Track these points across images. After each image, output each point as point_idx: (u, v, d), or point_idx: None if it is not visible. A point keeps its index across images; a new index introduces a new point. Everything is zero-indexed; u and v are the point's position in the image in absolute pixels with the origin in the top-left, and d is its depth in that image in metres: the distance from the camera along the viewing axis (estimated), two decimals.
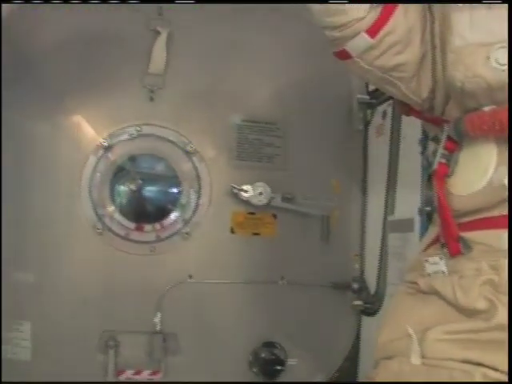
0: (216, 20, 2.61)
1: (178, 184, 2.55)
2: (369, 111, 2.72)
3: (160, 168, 2.56)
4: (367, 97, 2.69)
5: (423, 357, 1.26)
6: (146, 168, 2.57)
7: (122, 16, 2.54)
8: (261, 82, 2.64)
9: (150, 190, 2.57)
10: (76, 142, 2.53)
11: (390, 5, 1.42)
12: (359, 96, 2.70)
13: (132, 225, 2.52)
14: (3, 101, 2.45)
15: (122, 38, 2.55)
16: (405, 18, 1.43)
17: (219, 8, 2.57)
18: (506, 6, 1.25)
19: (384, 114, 2.62)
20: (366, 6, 1.41)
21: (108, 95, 2.53)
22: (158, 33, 2.53)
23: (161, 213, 2.54)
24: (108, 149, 2.52)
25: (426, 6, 1.47)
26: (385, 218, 2.54)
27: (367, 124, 2.73)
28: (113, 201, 2.53)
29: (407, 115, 1.68)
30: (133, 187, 2.55)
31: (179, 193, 2.54)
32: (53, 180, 2.51)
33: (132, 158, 2.55)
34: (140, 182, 2.54)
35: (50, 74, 2.51)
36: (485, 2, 1.35)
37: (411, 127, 2.24)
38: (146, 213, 2.55)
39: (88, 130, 2.53)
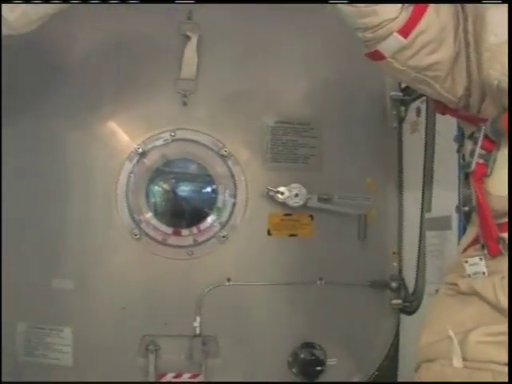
0: (246, 22, 2.62)
1: (213, 188, 2.56)
2: (402, 108, 2.71)
3: (195, 172, 2.57)
4: (400, 94, 2.68)
5: (465, 359, 1.26)
6: (181, 173, 2.58)
7: (153, 22, 2.55)
8: (293, 83, 2.64)
9: (185, 195, 2.59)
10: (111, 148, 2.56)
11: (421, 4, 1.42)
12: (392, 93, 2.69)
13: (169, 230, 2.54)
14: (41, 111, 2.53)
15: (153, 43, 2.57)
16: (437, 16, 1.43)
17: (249, 9, 2.55)
18: None
19: (418, 111, 2.60)
20: (398, 6, 1.41)
21: (141, 101, 2.55)
22: (189, 37, 2.53)
23: (197, 217, 2.56)
24: (143, 155, 2.53)
25: (458, 4, 1.45)
26: (422, 216, 2.52)
27: (401, 121, 2.72)
28: (149, 206, 2.55)
29: (443, 114, 1.67)
30: (169, 192, 2.56)
31: (215, 196, 2.56)
32: (90, 187, 2.55)
33: (167, 163, 2.57)
34: (176, 186, 2.56)
35: (84, 82, 2.54)
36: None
37: (446, 123, 2.23)
38: (182, 217, 2.57)
39: (123, 136, 2.56)
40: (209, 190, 2.57)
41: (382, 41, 1.45)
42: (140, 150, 2.52)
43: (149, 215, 2.54)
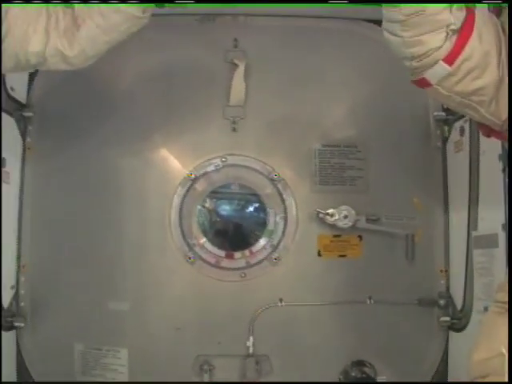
0: (291, 49, 2.71)
1: (264, 211, 2.66)
2: (446, 128, 2.78)
3: (246, 196, 2.65)
4: (443, 113, 2.75)
5: None
6: (232, 197, 2.67)
7: (200, 50, 2.66)
8: (339, 107, 2.73)
9: (237, 219, 2.69)
10: (164, 175, 2.68)
11: (465, 32, 1.51)
12: (436, 113, 2.76)
13: (222, 252, 2.64)
14: (96, 138, 2.69)
15: (201, 71, 2.69)
16: (480, 43, 1.52)
17: (293, 35, 2.65)
18: None
19: (461, 130, 2.66)
20: (442, 35, 1.50)
21: (192, 128, 2.67)
22: (236, 65, 2.63)
23: (249, 240, 2.66)
24: (195, 180, 2.65)
25: (500, 27, 1.53)
26: (468, 234, 2.58)
27: (445, 141, 2.79)
28: (202, 230, 2.65)
29: (488, 136, 1.74)
30: (220, 216, 2.65)
31: (266, 219, 2.64)
32: (144, 213, 2.67)
33: (218, 188, 2.66)
34: (227, 211, 2.65)
35: (136, 111, 2.65)
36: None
37: (490, 142, 2.28)
38: (235, 240, 2.67)
39: (175, 163, 2.68)
40: (260, 213, 2.65)
41: (429, 69, 1.55)
42: (192, 176, 2.63)
43: (202, 239, 2.62)
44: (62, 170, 2.68)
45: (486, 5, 2.23)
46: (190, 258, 2.62)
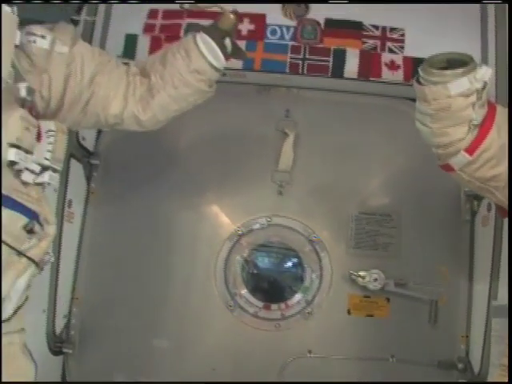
0: (337, 121, 3.02)
1: (302, 268, 2.95)
2: (475, 203, 3.04)
3: (286, 254, 2.96)
4: None
5: None
6: (273, 254, 2.97)
7: (255, 117, 2.98)
8: (376, 178, 3.04)
9: (276, 274, 2.98)
10: (215, 228, 3.01)
11: (486, 126, 1.80)
12: (466, 189, 3.02)
13: (260, 304, 2.95)
14: (158, 189, 3.01)
15: (255, 137, 3.00)
16: (498, 136, 1.82)
17: (340, 109, 2.98)
18: None
19: (489, 206, 2.93)
20: (465, 128, 1.80)
21: (242, 188, 3.00)
22: (286, 134, 2.95)
23: (286, 294, 2.95)
24: (242, 236, 2.96)
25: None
26: (489, 303, 2.84)
27: (474, 214, 3.05)
28: (244, 282, 2.96)
29: (503, 217, 2.02)
30: (261, 270, 2.97)
31: (303, 277, 2.95)
32: (193, 260, 2.99)
33: (262, 245, 2.97)
34: (268, 266, 2.96)
35: (195, 168, 3.02)
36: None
37: None
38: (272, 293, 2.97)
39: (225, 218, 3.00)
40: (297, 270, 2.95)
41: (452, 157, 1.86)
42: (239, 232, 2.95)
43: (243, 290, 2.93)
44: (121, 215, 3.01)
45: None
46: (230, 306, 2.93)
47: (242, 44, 2.52)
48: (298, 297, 2.96)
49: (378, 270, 2.94)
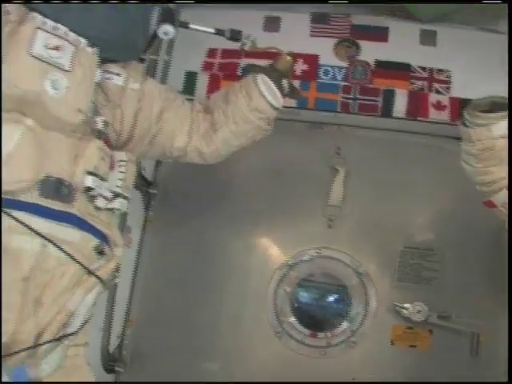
0: (386, 159, 3.21)
1: (348, 299, 3.14)
2: None
3: (334, 285, 3.15)
4: None
5: None
6: (321, 284, 3.16)
7: (307, 153, 3.19)
8: (421, 214, 3.21)
9: (324, 304, 3.17)
10: (266, 258, 3.20)
11: None
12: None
13: (307, 331, 3.13)
14: (213, 218, 3.23)
15: (306, 172, 3.21)
16: None
17: (389, 147, 3.17)
18: None
19: None
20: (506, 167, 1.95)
21: (294, 221, 3.19)
22: (337, 170, 3.14)
23: (333, 323, 3.13)
24: (291, 266, 3.15)
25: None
26: None
27: None
28: (292, 310, 3.14)
29: None
30: (310, 300, 3.15)
31: (349, 307, 3.12)
32: (244, 288, 3.18)
33: (311, 276, 3.16)
34: (316, 296, 3.15)
35: (249, 200, 3.24)
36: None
37: None
38: (320, 322, 3.15)
39: (276, 249, 3.19)
40: (344, 300, 3.13)
41: (495, 194, 2.02)
42: (289, 263, 3.14)
43: (291, 318, 3.12)
44: (176, 243, 3.23)
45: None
46: (278, 333, 3.11)
47: (296, 83, 2.70)
48: (343, 326, 3.13)
49: (422, 302, 3.09)
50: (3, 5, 1.77)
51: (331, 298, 3.19)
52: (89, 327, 1.93)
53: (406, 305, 3.09)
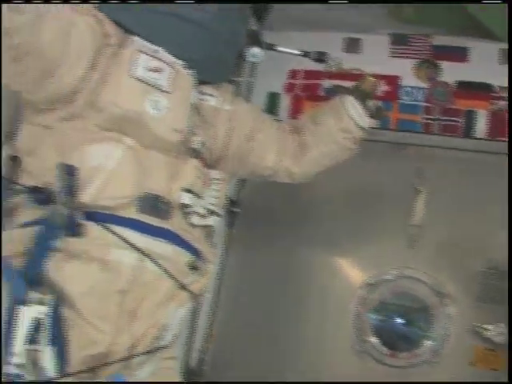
0: (466, 178, 3.24)
1: (429, 319, 3.16)
2: None
3: (415, 305, 3.18)
4: None
5: None
6: (403, 304, 3.20)
7: (389, 173, 3.23)
8: (503, 234, 3.19)
9: (405, 324, 3.20)
10: (347, 277, 3.25)
11: None
12: None
13: (388, 351, 3.15)
14: (296, 238, 3.31)
15: (387, 193, 3.26)
16: None
17: (470, 167, 3.19)
18: None
19: None
20: None
21: (375, 241, 3.23)
22: (418, 190, 3.18)
23: (413, 343, 3.15)
24: (372, 286, 3.19)
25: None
26: None
27: None
28: (372, 329, 3.18)
29: None
30: (391, 320, 3.19)
31: (430, 327, 3.15)
32: (325, 306, 3.24)
33: (392, 295, 3.19)
34: (397, 316, 3.18)
35: (332, 218, 3.30)
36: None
37: None
38: (400, 342, 3.17)
39: (357, 269, 3.23)
40: (425, 321, 3.16)
41: None
42: (370, 282, 3.18)
43: (372, 337, 3.16)
44: (258, 261, 3.31)
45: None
46: (358, 352, 3.15)
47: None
48: (424, 346, 3.15)
49: (503, 324, 3.10)
50: (102, 26, 1.85)
51: (412, 318, 3.21)
52: (177, 341, 2.01)
53: (487, 326, 3.10)
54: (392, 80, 3.38)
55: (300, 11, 3.27)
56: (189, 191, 1.91)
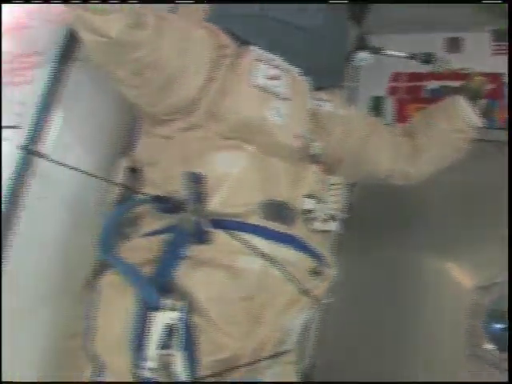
0: None
1: None
2: None
3: None
4: None
5: None
6: None
7: (494, 174, 3.16)
8: None
9: None
10: (457, 282, 3.22)
11: None
12: None
13: (502, 355, 3.06)
14: (404, 241, 3.28)
15: (495, 193, 3.14)
16: None
17: None
18: None
19: None
20: None
21: (484, 244, 3.17)
22: None
23: None
24: (484, 289, 3.16)
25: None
26: None
27: None
28: (487, 334, 3.12)
29: None
30: (505, 324, 3.09)
31: None
32: (437, 309, 3.22)
33: (504, 298, 3.09)
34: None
35: (438, 221, 3.29)
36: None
37: None
38: None
39: (467, 272, 3.22)
40: None
41: None
42: (482, 285, 3.14)
43: (485, 342, 3.11)
44: (367, 265, 3.34)
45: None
46: (471, 356, 3.09)
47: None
48: None
49: None
50: (217, 37, 1.93)
51: None
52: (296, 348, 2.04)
53: None
54: (496, 78, 3.29)
55: (397, 13, 3.25)
56: (311, 197, 1.95)
